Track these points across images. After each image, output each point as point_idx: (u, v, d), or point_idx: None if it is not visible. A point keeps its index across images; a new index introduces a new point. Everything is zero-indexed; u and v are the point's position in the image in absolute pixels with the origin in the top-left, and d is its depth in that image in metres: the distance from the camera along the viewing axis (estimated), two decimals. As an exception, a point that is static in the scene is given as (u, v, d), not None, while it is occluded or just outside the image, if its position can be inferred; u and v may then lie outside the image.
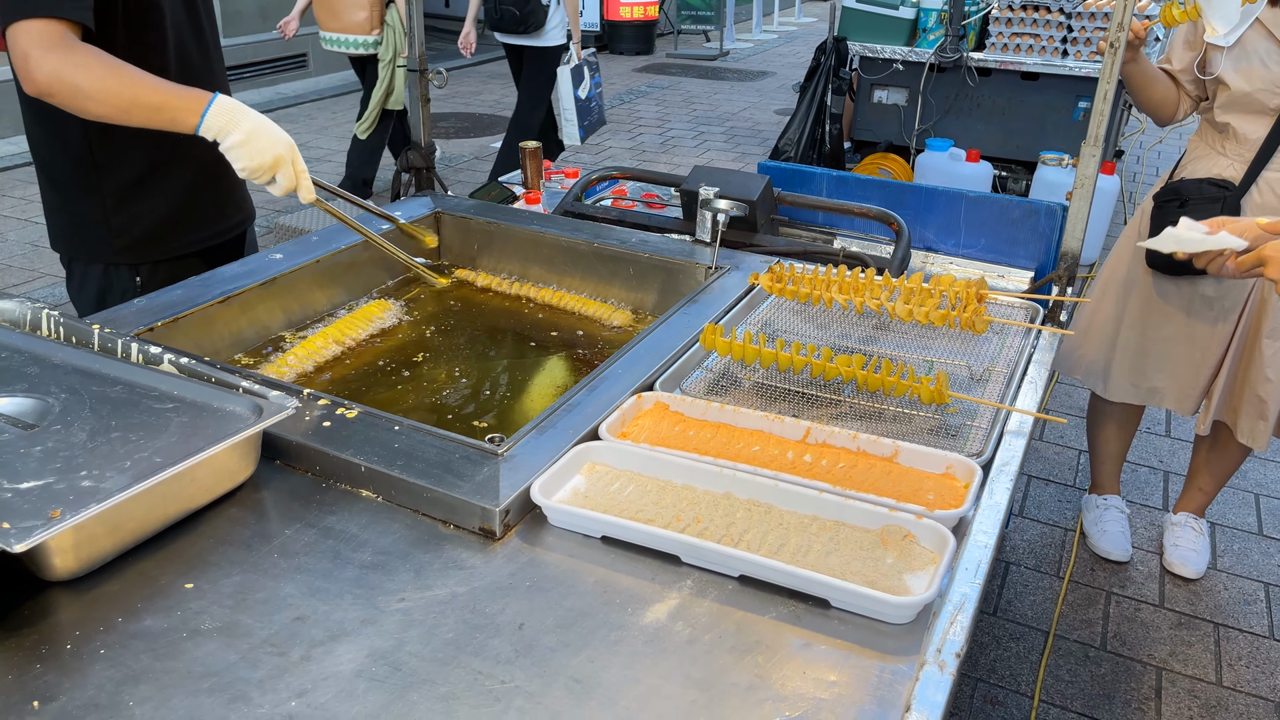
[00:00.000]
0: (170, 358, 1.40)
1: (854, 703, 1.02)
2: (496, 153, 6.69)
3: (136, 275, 1.99)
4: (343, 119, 7.85)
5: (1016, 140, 5.23)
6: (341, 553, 1.23)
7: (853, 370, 1.57)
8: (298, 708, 0.99)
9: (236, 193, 2.12)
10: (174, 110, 1.61)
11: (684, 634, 1.12)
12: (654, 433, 1.49)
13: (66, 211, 1.96)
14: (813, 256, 2.17)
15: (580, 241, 2.17)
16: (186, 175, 1.97)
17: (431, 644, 1.09)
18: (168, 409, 1.29)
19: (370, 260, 2.14)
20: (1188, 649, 2.59)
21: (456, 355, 1.91)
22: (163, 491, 1.16)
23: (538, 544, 1.27)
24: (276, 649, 1.07)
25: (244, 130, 1.62)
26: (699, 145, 7.42)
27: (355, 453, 1.35)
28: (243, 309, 1.84)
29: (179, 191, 1.97)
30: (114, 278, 1.99)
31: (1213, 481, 2.89)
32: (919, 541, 1.23)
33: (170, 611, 1.12)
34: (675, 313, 1.83)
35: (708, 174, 2.20)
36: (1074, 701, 2.41)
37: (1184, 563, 2.86)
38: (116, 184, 1.91)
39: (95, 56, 1.60)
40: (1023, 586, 2.81)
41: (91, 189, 1.91)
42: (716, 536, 1.25)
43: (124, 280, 1.99)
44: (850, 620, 1.14)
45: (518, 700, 1.02)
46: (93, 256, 1.98)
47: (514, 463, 1.35)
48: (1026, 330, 1.84)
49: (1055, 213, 2.16)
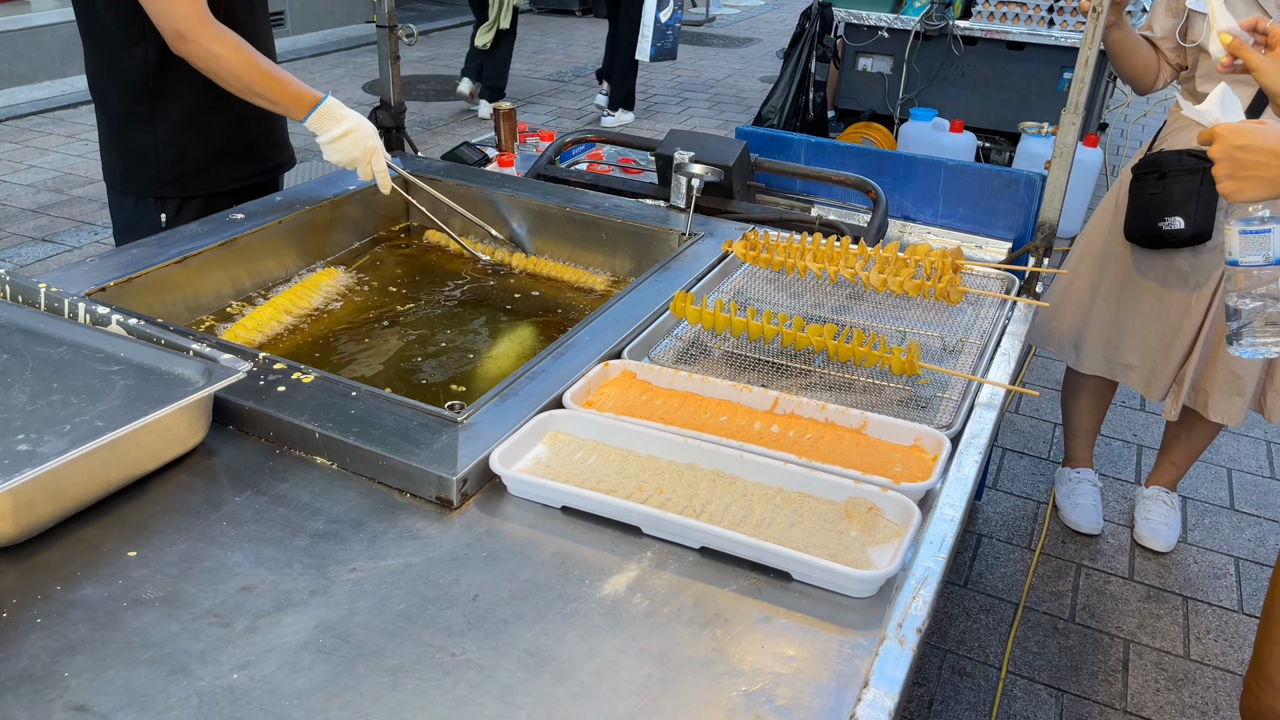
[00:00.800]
0: (119, 318, 1.35)
1: (812, 678, 1.00)
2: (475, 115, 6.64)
3: (163, 212, 2.07)
4: (320, 79, 7.71)
5: (1001, 111, 5.18)
6: (293, 521, 1.19)
7: (824, 340, 1.54)
8: (239, 680, 0.96)
9: (279, 135, 2.19)
10: (286, 106, 1.87)
11: (642, 606, 1.09)
12: (620, 401, 1.46)
13: (117, 142, 2.05)
14: (789, 224, 2.14)
15: (552, 206, 2.13)
16: (235, 112, 2.05)
17: (382, 615, 1.06)
18: (113, 371, 1.24)
19: (338, 221, 2.08)
20: (1156, 622, 2.61)
21: (421, 321, 1.86)
22: (104, 457, 1.12)
23: (496, 514, 1.24)
24: (220, 620, 1.04)
25: (335, 134, 1.89)
26: (682, 111, 7.34)
27: (310, 419, 1.31)
28: (202, 270, 1.79)
29: (224, 127, 2.06)
30: (142, 211, 2.08)
31: (1185, 456, 2.90)
32: (884, 514, 1.21)
33: (111, 580, 1.08)
34: (646, 280, 1.80)
35: (684, 138, 2.15)
36: (1041, 673, 2.42)
37: (1155, 536, 2.87)
38: (169, 118, 2.01)
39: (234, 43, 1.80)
40: (994, 559, 2.81)
41: (145, 121, 2.01)
42: (679, 508, 1.22)
43: (150, 215, 2.07)
44: (811, 594, 1.12)
45: (468, 673, 0.99)
46: (138, 189, 2.07)
47: (473, 431, 1.31)
48: (1002, 301, 1.82)
49: (1035, 183, 2.13)
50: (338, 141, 1.89)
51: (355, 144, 1.91)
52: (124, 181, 2.07)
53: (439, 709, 0.95)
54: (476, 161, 2.59)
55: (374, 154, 1.92)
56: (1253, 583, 2.76)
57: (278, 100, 1.85)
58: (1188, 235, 2.37)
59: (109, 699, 0.94)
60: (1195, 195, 2.35)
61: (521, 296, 2.00)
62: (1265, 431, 3.49)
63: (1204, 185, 2.37)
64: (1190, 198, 2.35)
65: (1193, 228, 2.36)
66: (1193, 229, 2.36)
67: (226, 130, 2.08)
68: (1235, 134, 1.37)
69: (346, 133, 1.89)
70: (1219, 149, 1.38)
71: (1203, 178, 2.36)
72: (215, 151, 2.07)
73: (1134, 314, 2.62)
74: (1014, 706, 2.32)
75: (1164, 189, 2.39)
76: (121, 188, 2.08)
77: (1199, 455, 2.90)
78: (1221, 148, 1.38)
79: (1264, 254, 1.39)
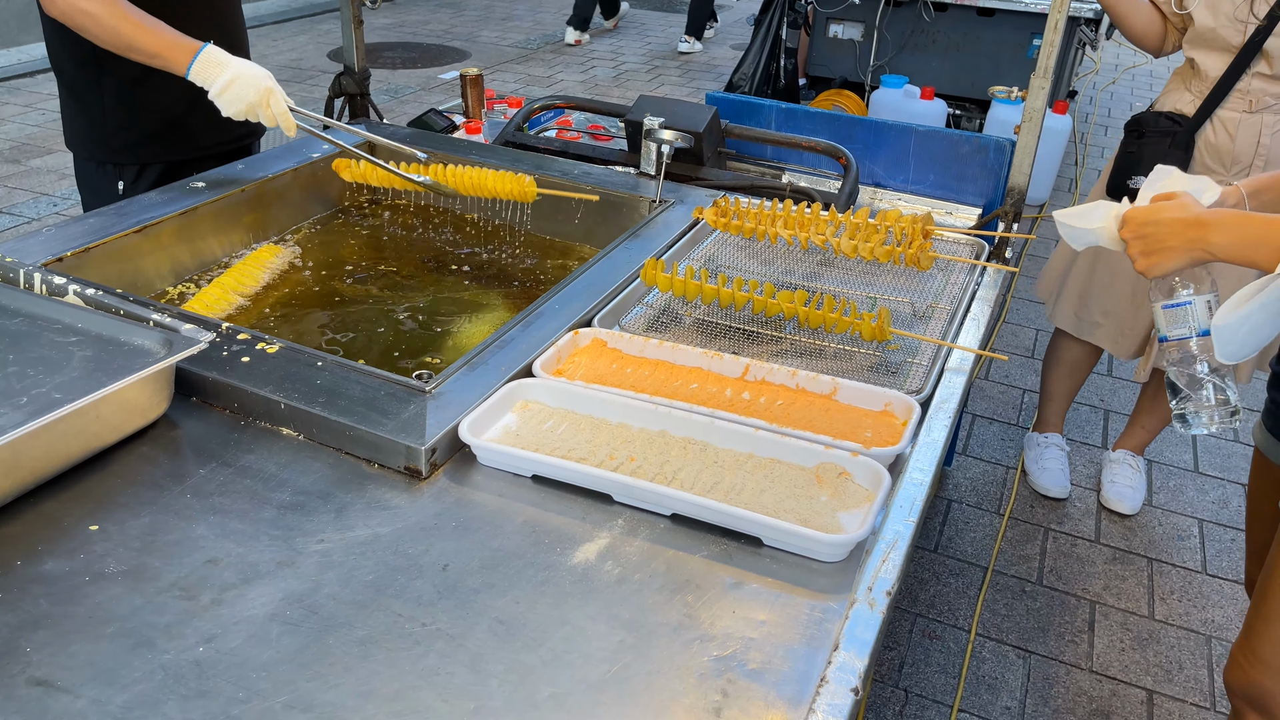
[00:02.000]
0: (76, 289, 1.32)
1: (783, 642, 1.01)
2: (444, 83, 6.55)
3: (120, 179, 2.03)
4: (284, 46, 7.57)
5: (971, 77, 5.18)
6: (259, 493, 1.18)
7: (794, 307, 1.54)
8: (205, 654, 0.95)
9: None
10: (165, 59, 1.75)
11: (613, 574, 1.09)
12: (590, 370, 1.45)
13: (71, 106, 2.02)
14: (759, 191, 2.13)
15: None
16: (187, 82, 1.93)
17: (350, 586, 1.05)
18: (71, 343, 1.22)
19: (301, 190, 2.05)
20: (1121, 583, 2.65)
21: (388, 290, 1.84)
22: (63, 429, 1.10)
23: (466, 484, 1.23)
24: (185, 593, 1.02)
25: (223, 82, 1.74)
26: (653, 79, 7.27)
27: (275, 389, 1.29)
28: (163, 240, 1.75)
29: (179, 97, 1.97)
30: (101, 178, 2.04)
31: (1156, 421, 2.94)
32: (854, 479, 1.21)
33: (73, 554, 1.06)
34: (616, 247, 1.78)
35: (653, 104, 2.13)
36: (1009, 635, 2.46)
37: (1120, 499, 2.91)
38: (116, 82, 1.96)
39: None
40: (964, 523, 2.84)
41: (93, 85, 1.96)
42: (650, 475, 1.22)
43: (110, 182, 2.04)
44: (782, 559, 1.12)
45: (438, 643, 0.99)
46: (90, 154, 2.04)
47: (442, 400, 1.30)
48: (971, 267, 1.82)
49: (1004, 148, 2.13)
50: (228, 90, 1.74)
51: (247, 88, 1.75)
52: (80, 146, 2.04)
53: (409, 679, 0.94)
54: (444, 129, 2.56)
55: (270, 95, 1.77)
56: (1215, 544, 2.81)
57: (156, 52, 1.74)
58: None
59: (72, 673, 0.93)
60: (1164, 157, 2.38)
61: (491, 265, 1.98)
62: (1229, 395, 3.54)
63: (1173, 148, 2.40)
64: (1159, 158, 2.37)
65: None
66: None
67: (179, 97, 1.99)
68: (1142, 213, 1.40)
69: (234, 79, 1.74)
70: (1129, 232, 1.40)
71: (1173, 140, 2.40)
72: (168, 119, 2.02)
73: (1104, 270, 2.67)
74: (983, 668, 2.36)
75: (1139, 148, 2.45)
76: (80, 153, 2.05)
77: (1169, 421, 2.94)
78: (1131, 229, 1.40)
79: (1188, 326, 1.41)
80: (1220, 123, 2.42)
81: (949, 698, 2.27)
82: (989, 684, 2.31)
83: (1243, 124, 2.40)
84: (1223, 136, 2.42)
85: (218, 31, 1.90)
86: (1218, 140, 2.43)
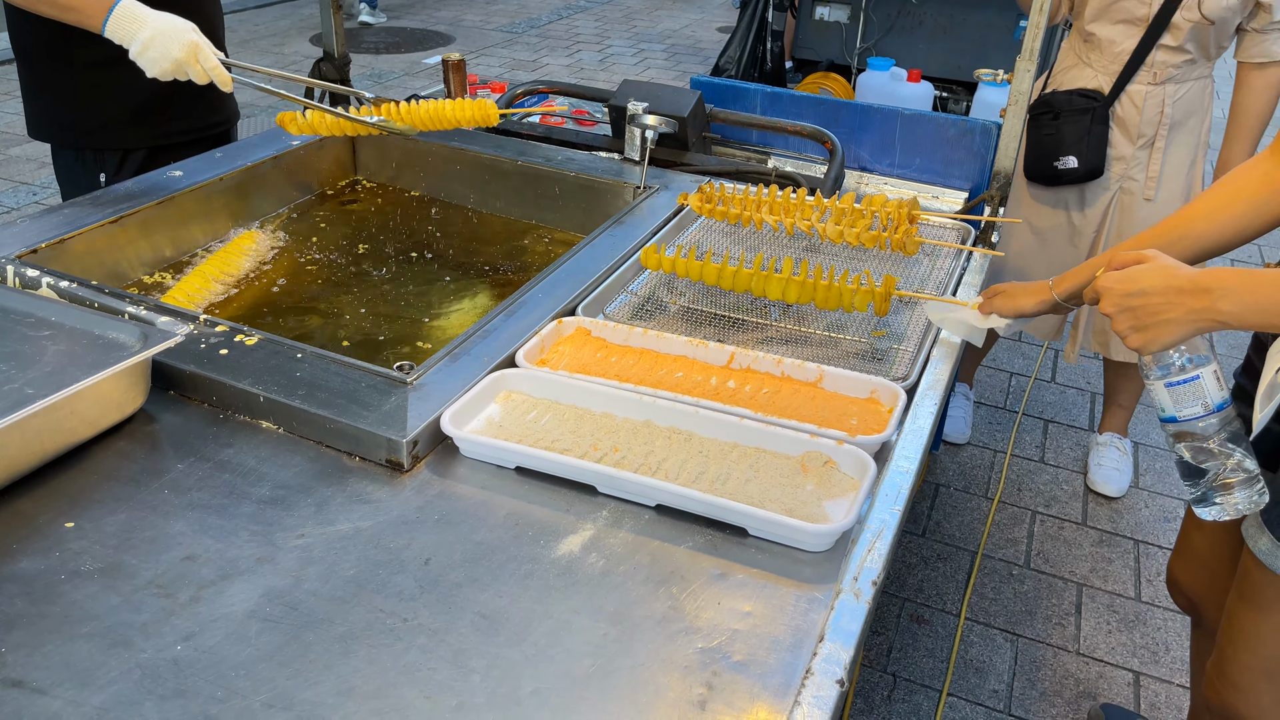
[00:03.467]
0: (49, 281, 1.30)
1: (768, 633, 1.00)
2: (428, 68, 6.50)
3: (101, 170, 1.99)
4: (265, 32, 7.49)
5: (958, 60, 5.16)
6: (238, 487, 1.16)
7: (812, 283, 1.51)
8: (184, 652, 0.94)
9: (213, 91, 2.01)
10: (80, 14, 1.64)
11: (598, 566, 1.08)
12: (574, 359, 1.43)
13: (39, 94, 1.96)
14: (745, 176, 2.11)
15: (503, 159, 2.08)
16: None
17: (331, 582, 1.04)
18: (44, 337, 1.20)
19: (281, 178, 2.02)
20: (1108, 565, 2.66)
21: (369, 278, 1.82)
22: (37, 425, 1.08)
23: (448, 476, 1.21)
24: (162, 590, 1.01)
25: (143, 39, 1.61)
26: (639, 63, 7.23)
27: (254, 382, 1.27)
28: (140, 230, 1.72)
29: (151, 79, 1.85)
30: (81, 166, 1.99)
31: (1130, 397, 2.97)
32: (840, 468, 1.21)
33: (48, 552, 1.05)
34: (600, 234, 1.76)
35: (637, 88, 2.11)
36: (997, 618, 2.46)
37: (1107, 482, 2.92)
38: (87, 64, 1.89)
39: None
40: (951, 508, 2.85)
41: (63, 68, 1.91)
42: (634, 465, 1.20)
43: (90, 172, 1.99)
44: (767, 549, 1.11)
45: (420, 638, 0.97)
46: (66, 141, 1.99)
47: (424, 392, 1.29)
48: (958, 252, 1.81)
49: (990, 131, 2.12)
50: (150, 48, 1.61)
51: (170, 43, 1.61)
52: (53, 134, 1.99)
53: (390, 675, 0.93)
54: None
55: (197, 50, 1.63)
56: (1201, 525, 2.82)
57: (70, 4, 1.62)
58: (1081, 173, 2.47)
59: (47, 673, 0.91)
60: (1087, 133, 2.43)
61: (473, 252, 1.96)
62: (1214, 377, 3.55)
63: (1094, 124, 2.44)
64: (1082, 136, 2.44)
65: (1085, 165, 2.46)
66: (1086, 166, 2.46)
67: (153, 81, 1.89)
68: (1122, 282, 1.21)
69: (154, 35, 1.60)
70: (1111, 304, 1.21)
71: (1093, 116, 2.43)
72: (145, 101, 1.97)
73: (1022, 254, 2.70)
74: (970, 652, 2.36)
75: (1058, 129, 2.46)
76: (56, 141, 2.01)
77: (1141, 394, 2.98)
78: (1113, 301, 1.21)
79: (1201, 403, 1.22)
80: (1128, 96, 2.45)
81: (937, 682, 2.28)
82: (976, 667, 2.32)
83: (1149, 96, 2.43)
84: (1129, 110, 2.45)
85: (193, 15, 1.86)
86: (1125, 114, 2.46)
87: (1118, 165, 2.52)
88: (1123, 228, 2.58)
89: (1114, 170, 2.52)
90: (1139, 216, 2.56)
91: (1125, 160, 2.50)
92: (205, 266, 1.75)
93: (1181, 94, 2.44)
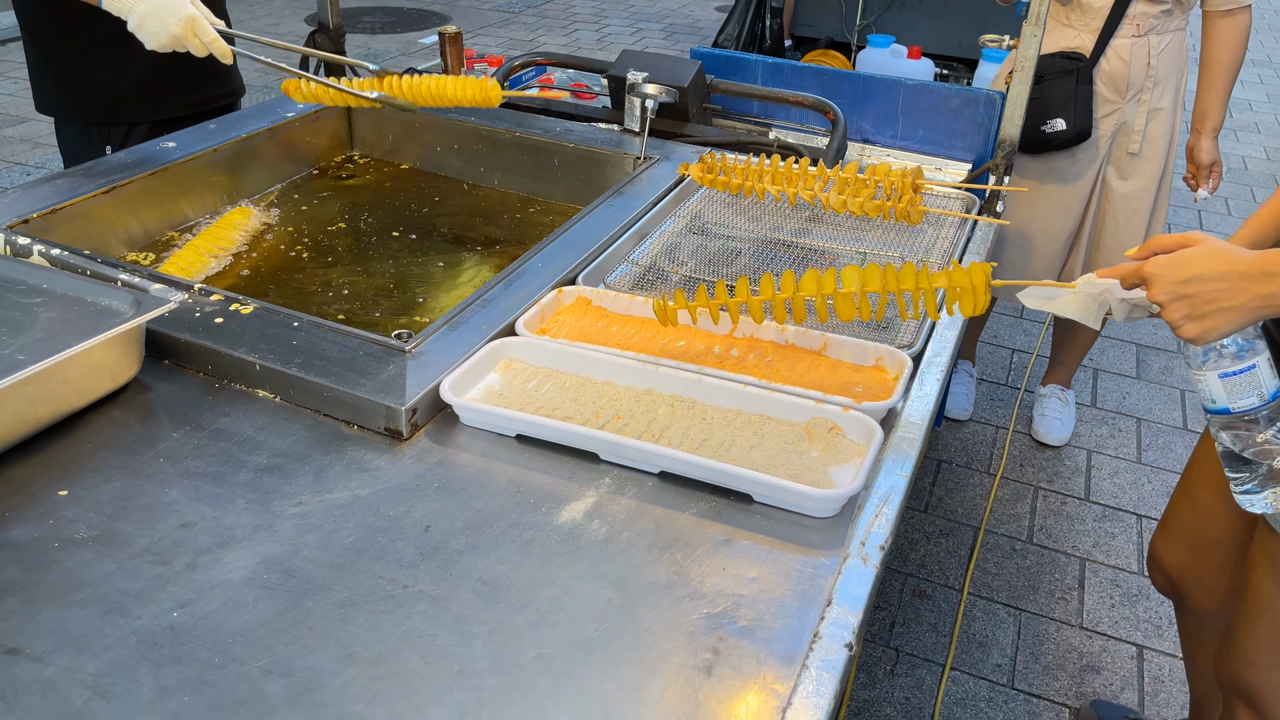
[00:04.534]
0: (41, 249, 1.28)
1: (775, 598, 0.98)
2: (424, 48, 6.45)
3: (108, 143, 1.99)
4: (260, 11, 7.43)
5: (959, 36, 5.11)
6: (234, 456, 1.14)
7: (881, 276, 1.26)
8: (180, 619, 0.92)
9: (217, 65, 1.98)
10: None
11: (601, 532, 1.06)
12: (575, 328, 1.41)
13: (45, 69, 1.96)
14: (746, 147, 2.08)
15: (501, 131, 2.05)
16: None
17: (330, 549, 1.02)
18: (35, 304, 1.17)
19: (276, 151, 1.99)
20: (1111, 540, 2.65)
21: (367, 250, 1.80)
22: (28, 392, 1.06)
23: (448, 444, 1.20)
24: (158, 558, 0.99)
25: (140, 12, 1.59)
26: (637, 42, 7.18)
27: (250, 350, 1.25)
28: (133, 202, 1.70)
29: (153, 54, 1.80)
30: (85, 141, 1.99)
31: (1074, 356, 3.04)
32: (846, 434, 1.19)
33: (42, 520, 1.03)
34: (600, 204, 1.74)
35: (637, 59, 2.08)
36: (1000, 593, 2.45)
37: (1049, 431, 3.00)
38: (90, 38, 1.89)
39: None
40: (954, 483, 2.84)
41: (66, 44, 1.91)
42: (637, 433, 1.19)
43: (96, 147, 1.99)
44: (773, 515, 1.10)
45: (421, 604, 0.96)
46: (72, 116, 1.99)
47: (422, 360, 1.27)
48: (962, 221, 1.79)
49: (994, 101, 2.09)
50: (147, 22, 1.59)
51: (167, 16, 1.59)
52: (58, 109, 1.99)
53: (391, 641, 0.92)
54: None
55: (195, 22, 1.61)
56: (1204, 500, 2.81)
57: None
58: (1069, 136, 2.46)
59: (42, 641, 0.89)
60: (1073, 95, 2.43)
61: (471, 224, 1.93)
62: (1217, 353, 3.54)
63: (1079, 84, 2.43)
64: (1068, 98, 2.43)
65: (1074, 127, 2.45)
66: (1074, 129, 2.45)
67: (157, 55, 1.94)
68: (1174, 268, 1.11)
69: (151, 8, 1.58)
70: (1162, 292, 1.11)
71: (1077, 77, 2.42)
72: (149, 75, 1.96)
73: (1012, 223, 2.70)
74: (973, 626, 2.35)
75: (1042, 93, 2.45)
76: (61, 116, 2.01)
77: (1085, 354, 3.07)
78: (1165, 289, 1.11)
79: (1257, 393, 1.14)
80: (1114, 51, 2.45)
81: (940, 656, 2.27)
82: (980, 642, 2.31)
83: (1134, 49, 2.44)
84: (1117, 64, 2.45)
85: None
86: (1112, 69, 2.46)
87: (1106, 123, 2.52)
88: (1110, 183, 2.60)
89: (1103, 129, 2.52)
90: (1126, 170, 2.58)
91: (1114, 117, 2.51)
92: (198, 240, 1.73)
93: (1164, 46, 2.45)
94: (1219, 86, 2.50)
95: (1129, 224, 2.63)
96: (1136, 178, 2.58)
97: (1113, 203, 2.62)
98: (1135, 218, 2.61)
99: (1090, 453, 2.98)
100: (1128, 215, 2.62)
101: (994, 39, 4.24)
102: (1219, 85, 2.50)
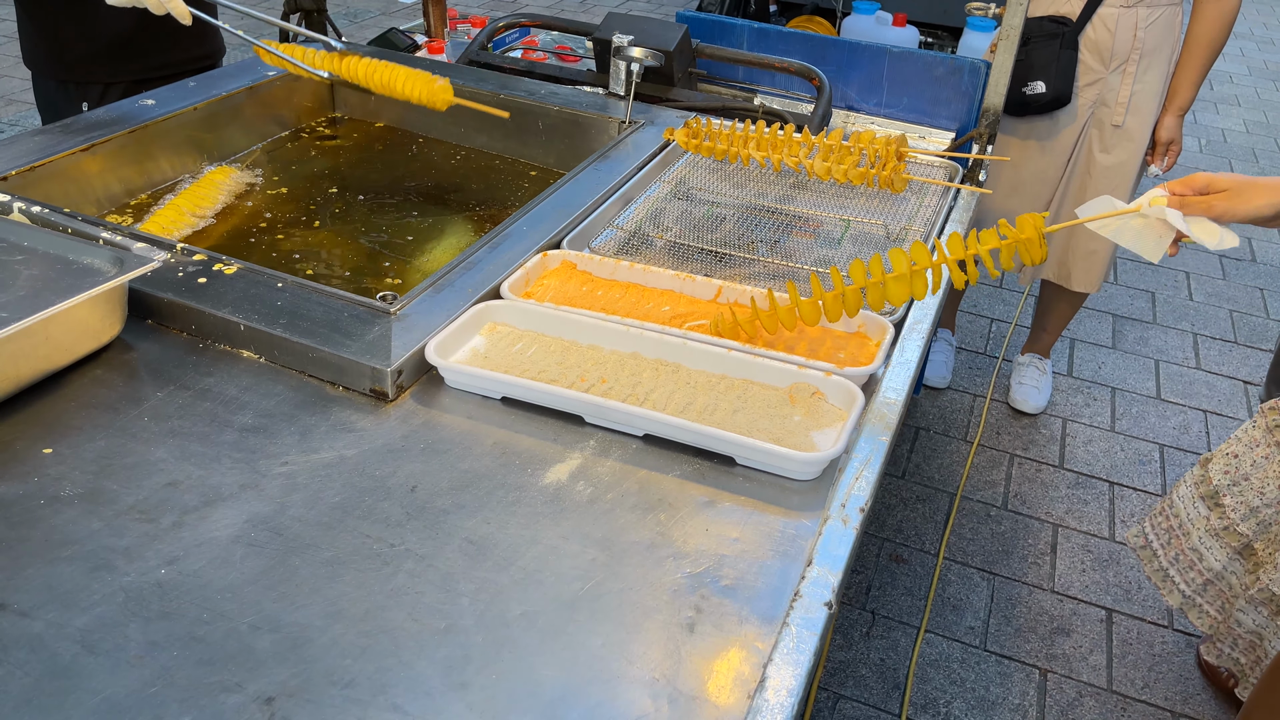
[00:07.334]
0: (21, 206, 1.27)
1: (756, 558, 1.00)
2: (405, 8, 6.34)
3: (84, 100, 1.98)
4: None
5: (944, 5, 5.10)
6: (219, 416, 1.14)
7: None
8: (168, 575, 0.93)
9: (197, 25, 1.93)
10: None
11: (585, 494, 1.08)
12: (560, 292, 1.42)
13: (27, 24, 1.97)
14: (731, 113, 2.08)
15: (484, 93, 2.03)
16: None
17: (316, 508, 1.03)
18: (16, 261, 1.17)
19: (257, 111, 1.97)
20: (1083, 507, 2.70)
21: (351, 213, 1.79)
22: (10, 350, 1.06)
23: (433, 406, 1.20)
24: (145, 516, 0.99)
25: None
26: (621, 4, 7.10)
27: (234, 310, 1.25)
28: (112, 159, 1.68)
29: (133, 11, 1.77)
30: (63, 97, 2.00)
31: (1057, 324, 3.08)
32: (828, 399, 1.20)
33: (26, 478, 1.03)
34: (585, 168, 1.74)
35: (622, 21, 2.06)
36: (974, 558, 2.50)
37: (1026, 399, 3.04)
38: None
39: None
40: (931, 451, 2.87)
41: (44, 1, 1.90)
42: (622, 396, 1.20)
43: (72, 102, 1.98)
44: (755, 478, 1.11)
45: (408, 563, 0.97)
46: (49, 72, 1.99)
47: (407, 322, 1.27)
48: (945, 189, 1.80)
49: (979, 70, 2.09)
50: None
51: None
52: (37, 64, 1.99)
53: (378, 599, 0.93)
54: (406, 48, 2.47)
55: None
56: (1175, 468, 2.86)
57: None
58: (1048, 99, 2.48)
59: (29, 596, 0.90)
60: (1055, 59, 2.44)
61: (456, 187, 1.92)
62: (1192, 324, 3.58)
63: (1063, 49, 2.45)
64: (1051, 61, 2.44)
65: (1054, 90, 2.47)
66: (1053, 92, 2.47)
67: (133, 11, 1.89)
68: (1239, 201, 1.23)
69: None
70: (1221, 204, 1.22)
71: (1062, 41, 2.43)
72: (124, 34, 1.95)
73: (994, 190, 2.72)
74: (948, 590, 2.40)
75: (1026, 54, 2.46)
76: (38, 70, 2.01)
77: (1067, 324, 3.10)
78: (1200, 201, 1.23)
79: None
80: (1100, 19, 2.46)
81: (915, 619, 2.31)
82: (954, 605, 2.36)
83: (1121, 19, 2.45)
84: (1103, 33, 2.47)
85: None
86: (1098, 37, 2.47)
87: (1088, 92, 2.53)
88: (1092, 154, 2.62)
89: (1084, 98, 2.54)
90: (1108, 142, 2.59)
91: (1097, 86, 2.52)
92: (179, 200, 1.71)
93: (1153, 19, 2.45)
94: (1194, 66, 2.50)
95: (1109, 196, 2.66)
96: (1119, 150, 2.60)
97: (1094, 174, 2.64)
98: (1116, 191, 2.63)
99: (1065, 421, 3.03)
100: (1109, 187, 2.64)
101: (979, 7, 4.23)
102: (1195, 65, 2.50)
